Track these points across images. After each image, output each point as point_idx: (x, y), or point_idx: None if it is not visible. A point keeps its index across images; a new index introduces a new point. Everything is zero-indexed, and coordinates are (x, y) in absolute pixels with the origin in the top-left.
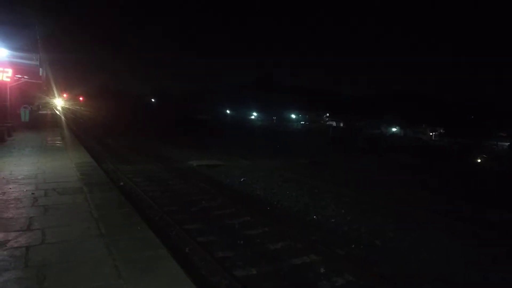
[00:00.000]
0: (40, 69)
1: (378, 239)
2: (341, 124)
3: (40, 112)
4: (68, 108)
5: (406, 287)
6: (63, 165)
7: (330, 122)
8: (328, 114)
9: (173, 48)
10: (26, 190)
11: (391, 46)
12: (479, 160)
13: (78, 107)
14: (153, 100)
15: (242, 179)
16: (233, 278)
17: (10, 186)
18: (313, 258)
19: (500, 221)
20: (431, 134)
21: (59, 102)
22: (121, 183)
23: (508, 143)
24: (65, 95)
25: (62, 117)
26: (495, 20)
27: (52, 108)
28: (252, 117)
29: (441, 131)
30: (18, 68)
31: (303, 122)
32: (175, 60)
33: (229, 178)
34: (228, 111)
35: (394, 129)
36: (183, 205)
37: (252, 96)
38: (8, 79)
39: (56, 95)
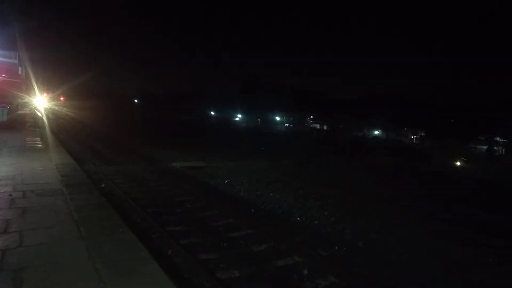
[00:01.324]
0: (19, 67)
1: (361, 240)
2: (325, 127)
3: (19, 112)
4: (49, 108)
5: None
6: (42, 166)
7: (314, 125)
8: (312, 117)
9: (157, 49)
10: (3, 192)
11: (376, 48)
12: (458, 163)
13: (59, 107)
14: (136, 101)
15: (226, 181)
16: (216, 280)
17: None
18: (297, 260)
19: (483, 221)
20: (412, 137)
21: (39, 102)
22: (103, 185)
23: (486, 147)
24: (46, 95)
25: (43, 117)
26: (479, 21)
27: (32, 108)
28: (237, 118)
29: (422, 134)
30: None
31: (287, 124)
32: (159, 60)
33: (214, 180)
34: (212, 113)
35: (376, 132)
36: (166, 206)
37: (236, 97)
38: None
39: (36, 94)
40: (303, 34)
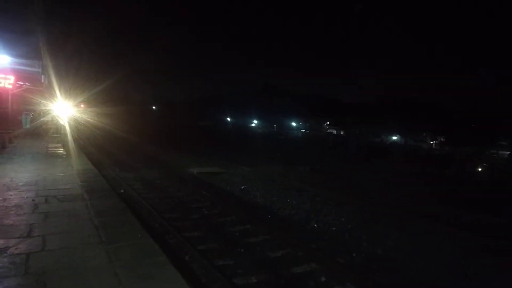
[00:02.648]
0: (42, 75)
1: (379, 248)
2: (341, 132)
3: (42, 119)
4: (71, 115)
5: None
6: (64, 172)
7: (331, 130)
8: (328, 122)
9: (174, 56)
10: (26, 197)
11: (394, 53)
12: (479, 169)
13: (80, 114)
14: (154, 107)
15: (242, 187)
16: (233, 286)
17: (11, 193)
18: (314, 267)
19: (504, 229)
20: (431, 142)
21: (61, 109)
22: (122, 190)
23: (509, 152)
24: (67, 102)
25: (64, 124)
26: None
27: (54, 115)
28: (253, 124)
29: (442, 139)
30: (20, 75)
31: (303, 130)
32: (176, 67)
33: (230, 186)
34: (228, 119)
35: (394, 137)
36: (183, 212)
37: (252, 103)
38: (10, 86)
39: (58, 101)
40: (318, 39)
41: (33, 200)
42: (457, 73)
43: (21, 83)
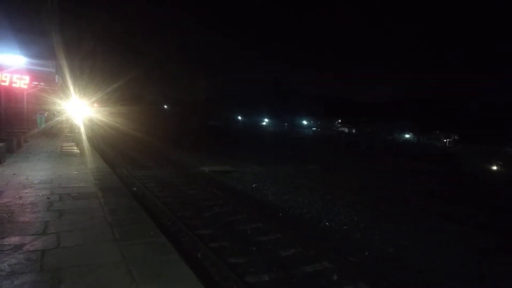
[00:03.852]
0: (56, 75)
1: (391, 247)
2: (353, 131)
3: (56, 118)
4: (84, 115)
5: None
6: (78, 170)
7: (342, 129)
8: (340, 121)
9: (187, 55)
10: (41, 195)
11: (406, 51)
12: (494, 167)
13: (93, 114)
14: (165, 106)
15: (254, 185)
16: (245, 284)
17: (26, 191)
18: (326, 266)
19: None
20: (445, 140)
21: (75, 108)
22: (134, 189)
23: None
24: (81, 102)
25: (78, 124)
26: None
27: (68, 114)
28: (264, 123)
29: (456, 137)
30: (34, 75)
31: (314, 128)
32: (189, 67)
33: (241, 184)
34: (239, 117)
35: (407, 136)
36: (195, 210)
37: (263, 102)
38: (26, 86)
39: (72, 101)
40: (329, 38)
41: (48, 198)
42: (471, 70)
43: (36, 83)
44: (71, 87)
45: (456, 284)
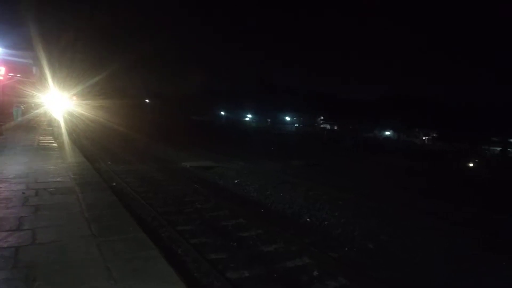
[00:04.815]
0: (34, 67)
1: (371, 242)
2: (335, 127)
3: (33, 111)
4: (64, 108)
5: None
6: (55, 165)
7: (325, 125)
8: (322, 117)
9: (170, 49)
10: (16, 190)
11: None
12: (471, 164)
13: (73, 107)
14: (147, 100)
15: (236, 181)
16: (226, 280)
17: (0, 186)
18: (307, 261)
19: (500, 225)
20: (424, 138)
21: (54, 101)
22: (114, 184)
23: (500, 148)
24: (60, 94)
25: (57, 117)
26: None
27: (47, 107)
28: (247, 118)
29: (434, 135)
30: (11, 66)
31: (297, 125)
32: (172, 60)
33: (224, 180)
34: (222, 113)
35: (387, 133)
36: (176, 206)
37: (247, 97)
38: (1, 78)
39: (51, 94)
40: (312, 34)
41: (23, 193)
42: (450, 67)
43: (12, 74)
44: (49, 79)
45: (437, 279)
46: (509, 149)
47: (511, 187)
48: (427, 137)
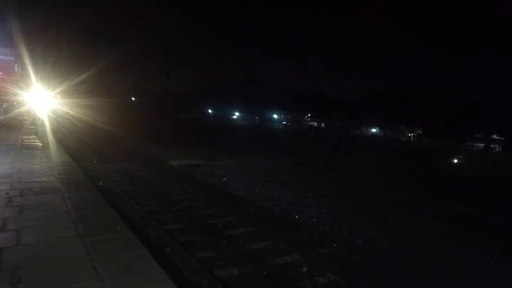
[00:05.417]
0: (16, 64)
1: (359, 239)
2: (322, 125)
3: (16, 110)
4: (48, 106)
5: (387, 286)
6: (40, 164)
7: (312, 123)
8: (309, 115)
9: (156, 47)
10: (0, 190)
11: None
12: (455, 161)
13: (57, 105)
14: (133, 98)
15: (224, 179)
16: (215, 279)
17: None
18: (296, 258)
19: (480, 221)
20: (409, 135)
21: (38, 100)
22: (100, 183)
23: (483, 144)
24: (44, 93)
25: (40, 116)
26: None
27: (30, 106)
28: (234, 116)
29: (419, 131)
30: None
31: (284, 122)
32: (155, 58)
33: (212, 178)
34: (210, 111)
35: (374, 130)
36: (164, 205)
37: (234, 95)
38: None
39: (34, 92)
40: (300, 31)
41: (7, 193)
42: (435, 65)
43: None
44: (32, 77)
45: (422, 274)
46: (491, 145)
47: (494, 184)
48: (412, 134)
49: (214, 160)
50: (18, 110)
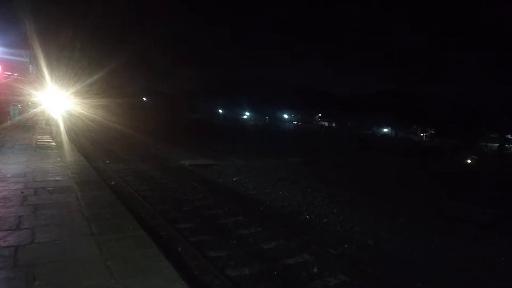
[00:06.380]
0: (30, 65)
1: (370, 239)
2: (333, 124)
3: (30, 110)
4: (61, 106)
5: (399, 287)
6: (53, 163)
7: (322, 122)
8: (320, 114)
9: (167, 47)
10: (15, 189)
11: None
12: (469, 161)
13: (70, 106)
14: (144, 99)
15: (235, 179)
16: (226, 278)
17: None
18: (306, 258)
19: (493, 221)
20: (421, 134)
21: (51, 100)
22: (113, 182)
23: (498, 144)
24: (58, 93)
25: (54, 116)
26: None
27: (44, 106)
28: (245, 116)
29: (432, 131)
30: (7, 65)
31: (295, 122)
32: (169, 59)
33: (222, 178)
34: (220, 111)
35: (385, 130)
36: (175, 204)
37: (244, 95)
38: None
39: (48, 92)
40: (309, 30)
41: (22, 192)
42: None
43: (9, 73)
44: (47, 78)
45: (434, 275)
46: (506, 146)
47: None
48: (424, 134)
49: (225, 160)
50: (33, 110)
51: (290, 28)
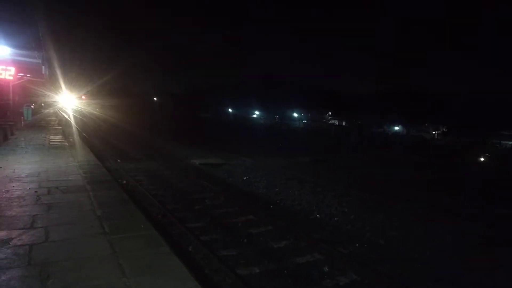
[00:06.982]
0: (43, 67)
1: (381, 238)
2: (344, 123)
3: (43, 110)
4: (73, 107)
5: (410, 286)
6: (66, 163)
7: (333, 121)
8: (330, 113)
9: (173, 46)
10: (29, 188)
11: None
12: (482, 159)
13: (82, 106)
14: (155, 98)
15: (245, 178)
16: (237, 277)
17: (13, 184)
18: (317, 257)
19: (507, 220)
20: (433, 132)
21: (63, 101)
22: (124, 182)
23: (511, 142)
24: (70, 94)
25: (66, 116)
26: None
27: (56, 106)
28: (255, 115)
29: (444, 129)
30: (20, 66)
31: (305, 121)
32: (178, 58)
33: (232, 177)
34: (230, 110)
35: (396, 128)
36: (185, 203)
37: (254, 94)
38: (11, 77)
39: (61, 93)
40: (317, 28)
41: (35, 191)
42: (460, 61)
43: (22, 74)
44: (60, 79)
45: (447, 274)
46: None
47: None
48: (436, 132)
49: (234, 159)
50: (46, 110)
51: (299, 29)
